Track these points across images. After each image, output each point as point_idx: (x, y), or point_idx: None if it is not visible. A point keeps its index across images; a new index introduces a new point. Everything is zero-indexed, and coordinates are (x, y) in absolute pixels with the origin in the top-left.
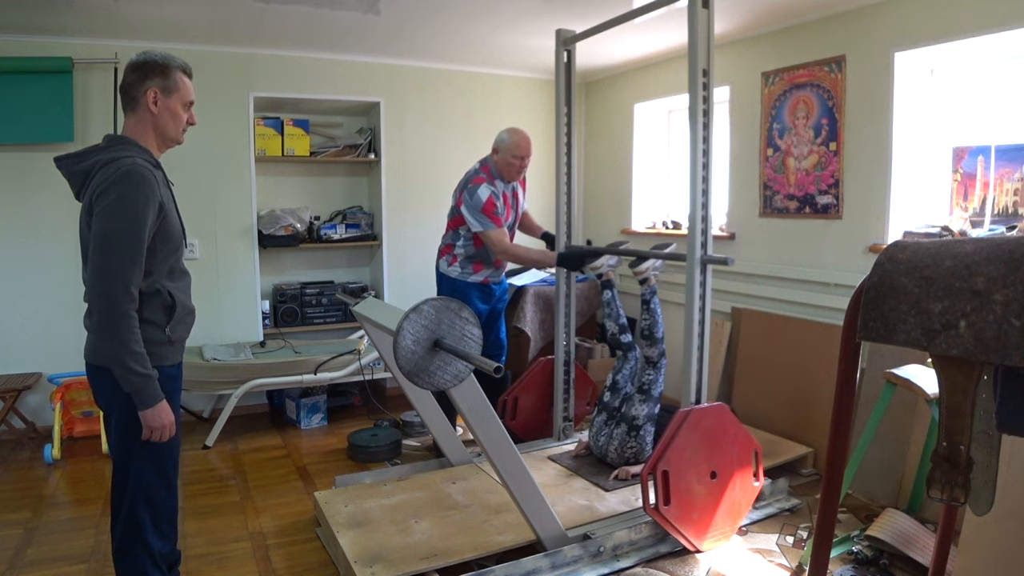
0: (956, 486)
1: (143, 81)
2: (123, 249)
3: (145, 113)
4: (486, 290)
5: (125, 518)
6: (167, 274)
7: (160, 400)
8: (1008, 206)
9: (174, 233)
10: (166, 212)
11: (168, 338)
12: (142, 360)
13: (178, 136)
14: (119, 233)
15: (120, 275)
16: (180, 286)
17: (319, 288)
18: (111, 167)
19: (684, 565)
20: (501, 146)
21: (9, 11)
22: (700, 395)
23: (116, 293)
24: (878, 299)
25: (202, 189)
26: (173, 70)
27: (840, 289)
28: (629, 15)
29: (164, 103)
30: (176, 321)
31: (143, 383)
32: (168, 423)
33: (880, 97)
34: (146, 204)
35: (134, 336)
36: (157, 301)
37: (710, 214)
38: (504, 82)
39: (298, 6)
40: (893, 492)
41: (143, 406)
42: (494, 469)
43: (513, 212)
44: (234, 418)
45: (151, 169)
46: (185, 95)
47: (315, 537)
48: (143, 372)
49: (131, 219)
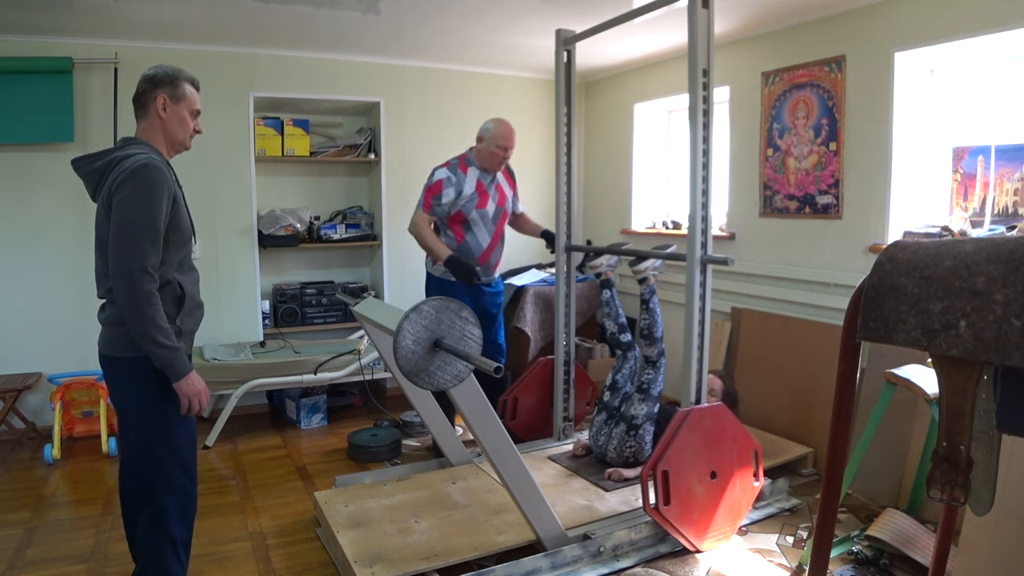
0: (956, 486)
1: (153, 89)
2: (141, 234)
3: (155, 118)
4: (474, 290)
5: (150, 510)
6: (178, 267)
7: (190, 370)
8: (1008, 206)
9: (185, 227)
10: (178, 205)
11: (178, 328)
12: (168, 334)
13: (186, 141)
14: (138, 219)
15: (140, 257)
16: (189, 279)
17: (319, 288)
18: (127, 162)
19: (684, 565)
20: (486, 135)
21: (9, 11)
22: (700, 395)
23: (138, 273)
24: (878, 299)
25: (202, 189)
26: (181, 81)
27: (840, 289)
28: (629, 15)
29: (172, 109)
30: (185, 313)
31: (172, 355)
32: (202, 389)
33: (880, 97)
34: (161, 193)
35: (159, 312)
36: (168, 291)
37: (710, 214)
38: (504, 82)
39: (298, 6)
40: (893, 492)
41: (176, 377)
42: (494, 469)
43: (492, 202)
44: (234, 418)
45: (164, 163)
46: (192, 103)
47: (315, 537)
48: (171, 345)
49: (149, 207)
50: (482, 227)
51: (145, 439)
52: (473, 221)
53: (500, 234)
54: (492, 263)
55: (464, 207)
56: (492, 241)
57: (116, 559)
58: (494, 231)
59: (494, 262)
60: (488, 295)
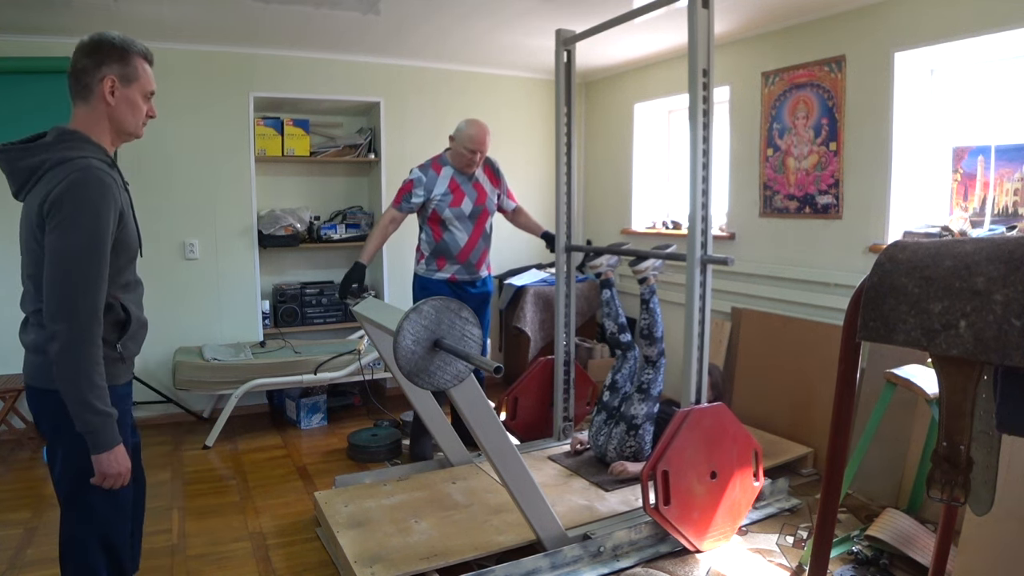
0: (956, 486)
1: (99, 67)
2: (87, 268)
3: (100, 103)
4: (457, 289)
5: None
6: (122, 286)
7: (117, 443)
8: (1008, 206)
9: (131, 243)
10: (125, 220)
11: (120, 355)
12: (103, 396)
13: (137, 130)
14: (81, 249)
15: (86, 297)
16: (133, 297)
17: (319, 288)
18: (62, 169)
19: (684, 565)
20: (458, 135)
21: (8, 11)
22: (700, 395)
23: (84, 319)
24: (878, 299)
25: (202, 189)
26: (133, 56)
27: (840, 289)
28: (629, 15)
29: (122, 93)
30: (129, 337)
31: (101, 423)
32: (124, 470)
33: (880, 97)
34: (107, 213)
35: (98, 368)
36: (110, 316)
37: (710, 214)
38: (504, 82)
39: (298, 6)
40: (893, 492)
41: (97, 449)
42: (494, 469)
43: (468, 200)
44: (234, 418)
45: (107, 171)
46: (146, 84)
47: (315, 537)
48: (103, 410)
49: (93, 233)
50: (459, 226)
51: (77, 485)
52: (448, 220)
53: (481, 232)
54: (473, 261)
55: (437, 206)
56: (471, 239)
57: None
58: (473, 229)
59: (475, 260)
60: (472, 296)
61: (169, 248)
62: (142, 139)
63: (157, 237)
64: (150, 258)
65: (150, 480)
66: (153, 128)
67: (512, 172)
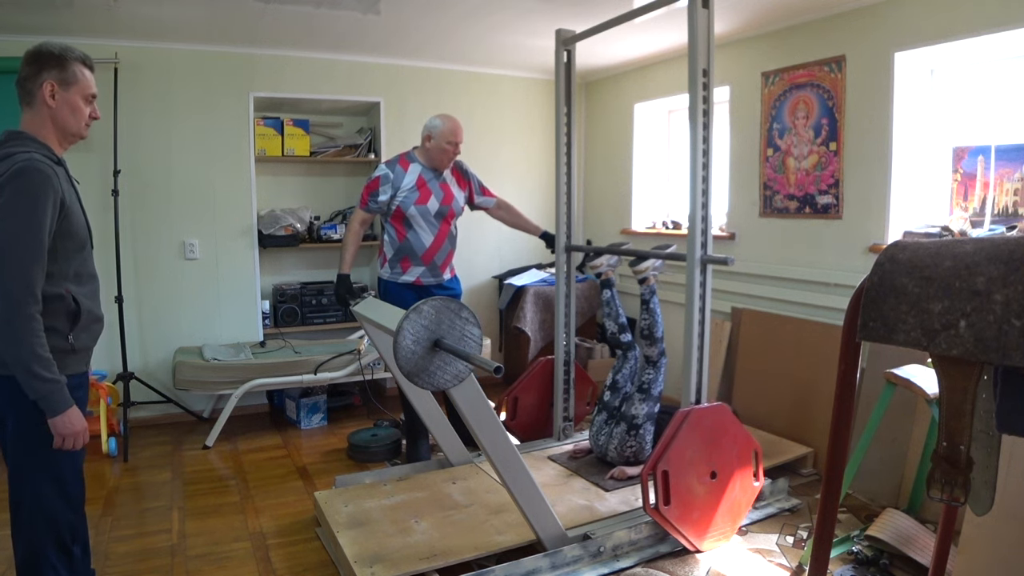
0: (956, 486)
1: (39, 74)
2: (22, 249)
3: (42, 107)
4: (423, 293)
5: (24, 545)
6: (72, 277)
7: (70, 405)
8: (1008, 206)
9: (78, 232)
10: (68, 210)
11: (71, 346)
12: (48, 365)
13: (80, 131)
14: (16, 233)
15: (20, 276)
16: (86, 291)
17: (319, 288)
18: (4, 164)
19: (684, 565)
20: (434, 132)
21: (8, 11)
22: (700, 395)
23: (17, 294)
24: (878, 299)
25: (202, 189)
26: (71, 62)
27: (840, 289)
28: (629, 15)
29: (62, 96)
30: (80, 329)
31: (50, 388)
32: (81, 429)
33: (880, 97)
34: (45, 201)
35: (39, 340)
36: (59, 306)
37: (710, 214)
38: (504, 82)
39: (298, 6)
40: (893, 492)
41: (52, 412)
42: (494, 469)
43: (435, 199)
44: (234, 418)
45: (50, 165)
46: (85, 88)
47: (315, 537)
48: (50, 377)
49: (31, 219)
50: (423, 224)
51: (21, 464)
52: (412, 217)
53: (447, 234)
54: (438, 263)
55: (402, 203)
56: (437, 240)
57: (116, 559)
58: (438, 229)
59: (440, 262)
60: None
61: (169, 248)
62: (142, 139)
63: (157, 237)
64: (150, 258)
65: (151, 480)
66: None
67: (512, 172)
